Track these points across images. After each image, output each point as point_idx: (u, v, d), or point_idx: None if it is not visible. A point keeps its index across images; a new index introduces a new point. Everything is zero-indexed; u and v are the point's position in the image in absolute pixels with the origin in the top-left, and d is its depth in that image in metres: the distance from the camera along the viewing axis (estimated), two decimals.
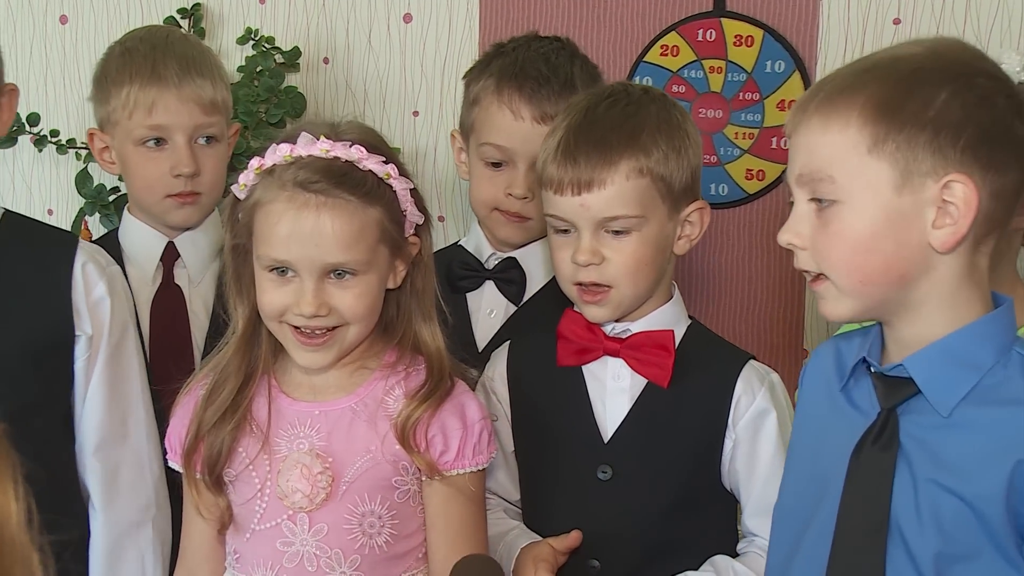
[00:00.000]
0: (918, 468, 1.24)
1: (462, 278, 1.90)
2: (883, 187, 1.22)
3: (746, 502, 1.62)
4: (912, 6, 2.14)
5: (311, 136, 1.49)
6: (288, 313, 1.49)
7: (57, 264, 1.66)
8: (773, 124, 2.23)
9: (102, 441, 1.69)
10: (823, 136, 1.24)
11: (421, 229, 1.57)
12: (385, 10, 2.39)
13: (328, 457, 1.50)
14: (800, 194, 1.28)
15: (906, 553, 1.24)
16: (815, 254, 1.27)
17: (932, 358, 1.25)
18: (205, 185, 1.92)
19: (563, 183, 1.57)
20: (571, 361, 1.64)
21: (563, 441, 1.63)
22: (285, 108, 2.36)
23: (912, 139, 1.21)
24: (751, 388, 1.60)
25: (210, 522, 1.56)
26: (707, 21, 2.25)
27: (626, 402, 1.62)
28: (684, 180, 1.60)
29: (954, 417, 1.23)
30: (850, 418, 1.31)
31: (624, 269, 1.58)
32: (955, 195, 1.21)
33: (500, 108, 1.83)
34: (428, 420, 1.50)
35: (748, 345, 2.26)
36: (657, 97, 1.65)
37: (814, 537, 1.31)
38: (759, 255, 2.28)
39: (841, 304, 1.27)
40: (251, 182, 1.51)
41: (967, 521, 1.21)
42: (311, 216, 1.45)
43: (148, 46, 1.92)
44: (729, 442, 1.60)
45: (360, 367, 1.55)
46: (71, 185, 2.48)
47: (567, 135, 1.59)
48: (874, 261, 1.23)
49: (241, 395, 1.54)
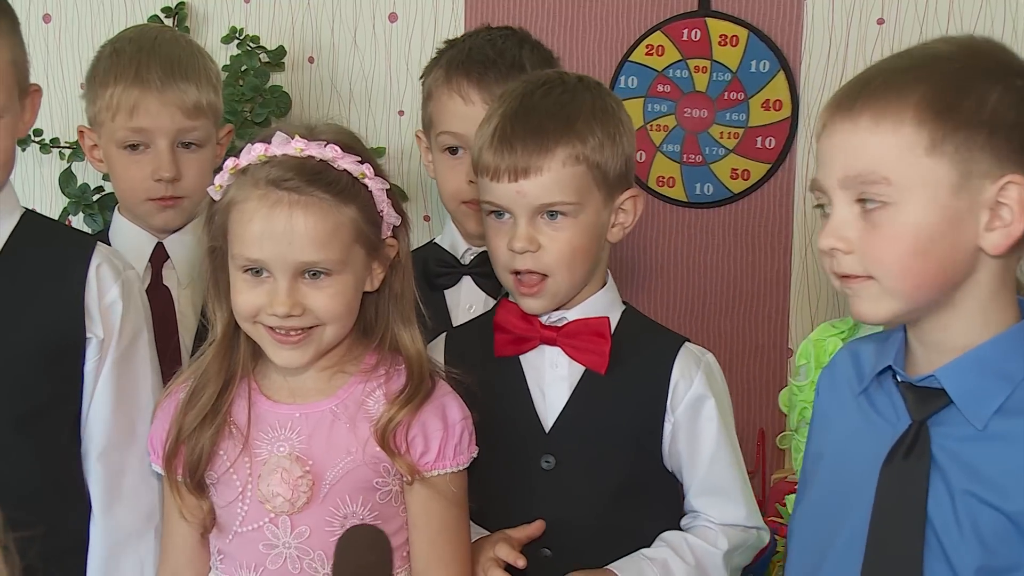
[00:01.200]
0: (954, 480, 1.21)
1: (439, 275, 1.91)
2: (942, 188, 1.19)
3: (690, 483, 1.63)
4: (896, 6, 2.15)
5: (286, 136, 1.48)
6: (262, 313, 1.48)
7: (72, 266, 1.65)
8: (758, 124, 2.24)
9: (107, 445, 1.67)
10: (872, 136, 1.20)
11: (399, 231, 1.56)
12: (370, 9, 2.39)
13: (308, 460, 1.50)
14: (843, 196, 1.23)
15: (947, 566, 1.21)
16: (864, 257, 1.22)
17: (965, 369, 1.22)
18: (187, 189, 1.91)
19: (499, 170, 1.58)
20: (508, 351, 1.65)
21: (505, 433, 1.63)
22: (270, 107, 2.35)
23: (970, 140, 1.18)
24: (688, 373, 1.61)
25: (193, 525, 1.55)
26: (692, 21, 2.25)
27: (565, 390, 1.62)
28: (618, 168, 1.61)
29: (988, 430, 1.20)
30: (875, 426, 1.28)
31: (560, 256, 1.58)
32: (1011, 196, 1.19)
33: (451, 96, 1.85)
34: (409, 422, 1.50)
35: (732, 344, 2.27)
36: (592, 86, 1.65)
37: (843, 546, 1.28)
38: (744, 254, 2.29)
39: (883, 305, 1.23)
40: (226, 182, 1.50)
41: (1009, 535, 1.18)
42: (284, 214, 1.44)
43: (135, 47, 1.91)
44: (668, 426, 1.61)
45: (339, 371, 1.54)
46: (55, 184, 2.47)
47: (503, 122, 1.59)
48: (930, 264, 1.20)
49: (221, 399, 1.53)
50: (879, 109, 1.21)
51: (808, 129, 2.22)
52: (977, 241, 1.20)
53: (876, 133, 1.20)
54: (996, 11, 2.11)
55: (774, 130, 2.24)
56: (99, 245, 1.70)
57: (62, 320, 1.64)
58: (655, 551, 1.59)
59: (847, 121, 1.22)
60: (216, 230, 1.51)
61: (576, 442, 1.61)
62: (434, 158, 1.92)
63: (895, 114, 1.20)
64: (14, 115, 1.62)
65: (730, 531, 1.62)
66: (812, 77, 2.21)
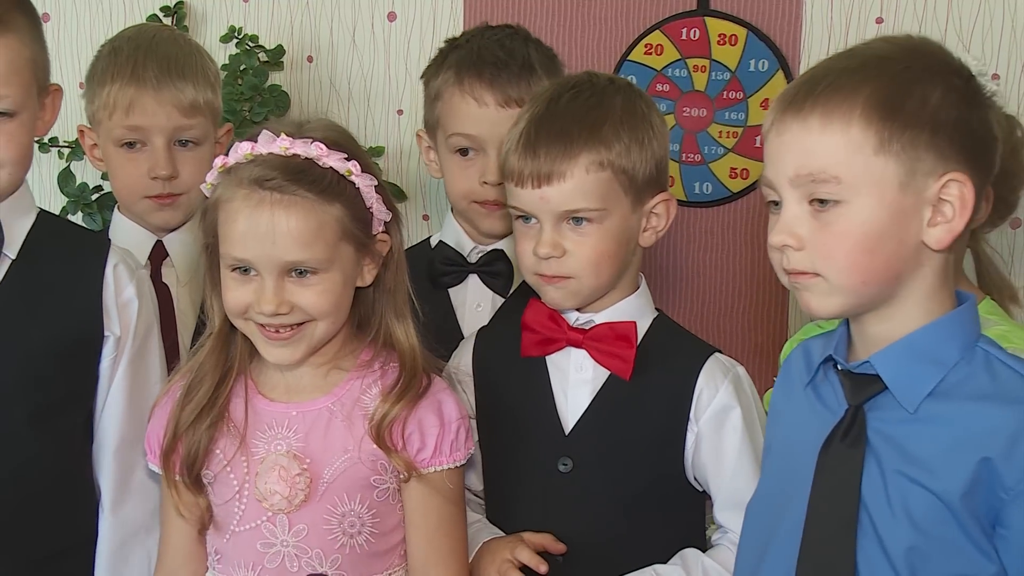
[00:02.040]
0: (886, 462, 1.25)
1: (444, 274, 1.91)
2: (889, 187, 1.22)
3: (716, 496, 1.61)
4: (894, 5, 2.15)
5: (272, 134, 1.48)
6: (250, 311, 1.49)
7: (90, 265, 1.67)
8: (757, 123, 2.24)
9: (122, 442, 1.69)
10: (822, 136, 1.23)
11: (390, 226, 1.55)
12: (369, 8, 2.39)
13: (306, 459, 1.50)
14: (794, 195, 1.26)
15: (879, 547, 1.25)
16: (814, 254, 1.26)
17: (898, 355, 1.26)
18: (184, 187, 1.91)
19: (523, 175, 1.57)
20: (535, 351, 1.64)
21: (525, 433, 1.63)
22: (269, 107, 2.35)
23: (915, 138, 1.21)
24: (713, 382, 1.59)
25: (190, 522, 1.56)
26: (691, 20, 2.25)
27: (588, 394, 1.61)
28: (648, 172, 1.59)
29: (920, 413, 1.25)
30: (818, 415, 1.32)
31: (585, 262, 1.57)
32: (952, 193, 1.22)
33: (463, 98, 1.84)
34: (405, 418, 1.50)
35: (732, 343, 2.27)
36: (622, 88, 1.64)
37: (784, 534, 1.32)
38: (743, 253, 2.29)
39: (830, 301, 1.27)
40: (215, 181, 1.51)
41: (938, 513, 1.22)
42: (267, 214, 1.44)
43: (133, 46, 1.92)
44: (691, 436, 1.59)
45: (335, 367, 1.55)
46: (53, 183, 2.47)
47: (529, 126, 1.58)
48: (877, 260, 1.24)
49: (217, 393, 1.53)
50: (828, 110, 1.23)
51: None
52: (921, 237, 1.24)
53: (825, 133, 1.23)
54: (995, 9, 2.11)
55: None
56: (113, 244, 1.72)
57: (81, 318, 1.65)
58: (668, 569, 1.57)
59: (796, 121, 1.25)
60: (207, 227, 1.52)
61: (595, 446, 1.60)
62: (441, 158, 1.91)
63: (844, 115, 1.23)
64: (32, 113, 1.62)
65: None
66: None
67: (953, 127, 1.22)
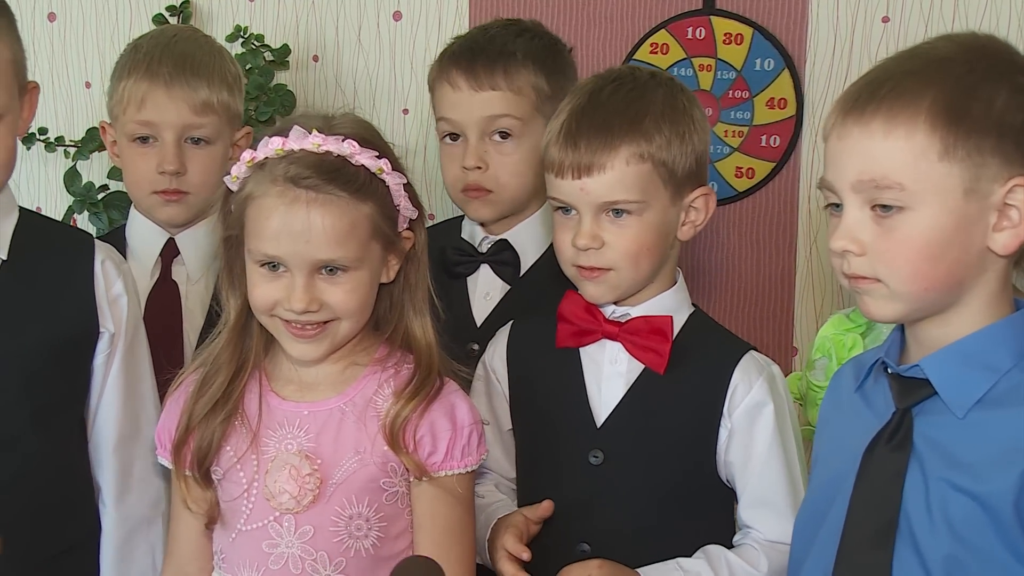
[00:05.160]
0: (930, 468, 1.23)
1: (457, 263, 1.92)
2: (954, 193, 1.20)
3: (741, 493, 1.61)
4: (900, 5, 2.15)
5: (303, 130, 1.48)
6: (278, 307, 1.49)
7: (78, 262, 1.67)
8: (763, 122, 2.23)
9: (120, 438, 1.70)
10: (885, 142, 1.21)
11: (415, 223, 1.56)
12: (375, 7, 2.39)
13: (317, 459, 1.50)
14: (855, 200, 1.24)
15: (916, 554, 1.23)
16: (875, 260, 1.24)
17: (949, 359, 1.24)
18: (191, 185, 1.91)
19: (563, 166, 1.57)
20: (570, 343, 1.64)
21: (557, 424, 1.63)
22: (274, 106, 2.35)
23: (980, 144, 1.20)
24: (748, 378, 1.59)
25: (198, 516, 1.56)
26: (697, 19, 2.25)
27: (621, 387, 1.61)
28: (688, 166, 1.59)
29: (969, 419, 1.22)
30: (865, 419, 1.30)
31: (624, 254, 1.57)
32: (1018, 198, 1.21)
33: (442, 84, 1.88)
34: (417, 420, 1.50)
35: None
36: (664, 81, 1.64)
37: (825, 537, 1.30)
38: (749, 253, 2.29)
39: (892, 306, 1.25)
40: (243, 175, 1.50)
41: (978, 521, 1.20)
42: (302, 212, 1.45)
43: (153, 43, 1.93)
44: (724, 432, 1.59)
45: (351, 363, 1.55)
46: (60, 183, 2.48)
47: (570, 118, 1.59)
48: (940, 268, 1.22)
49: (232, 387, 1.53)
50: (891, 115, 1.21)
51: (813, 127, 2.21)
52: (986, 242, 1.22)
53: (889, 139, 1.21)
54: (1002, 8, 2.10)
55: (779, 128, 2.24)
56: (97, 241, 1.73)
57: (76, 315, 1.66)
58: (691, 562, 1.57)
59: (858, 125, 1.23)
60: (233, 220, 1.52)
61: (626, 440, 1.60)
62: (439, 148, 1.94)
63: (907, 120, 1.21)
64: (15, 114, 1.62)
65: (774, 551, 1.57)
66: (817, 75, 2.21)
67: (1020, 130, 1.20)
